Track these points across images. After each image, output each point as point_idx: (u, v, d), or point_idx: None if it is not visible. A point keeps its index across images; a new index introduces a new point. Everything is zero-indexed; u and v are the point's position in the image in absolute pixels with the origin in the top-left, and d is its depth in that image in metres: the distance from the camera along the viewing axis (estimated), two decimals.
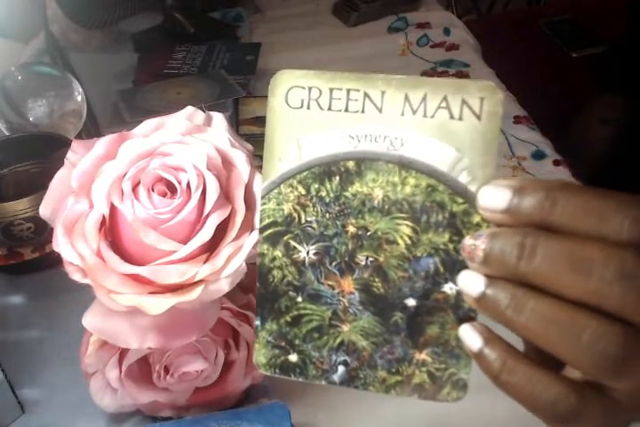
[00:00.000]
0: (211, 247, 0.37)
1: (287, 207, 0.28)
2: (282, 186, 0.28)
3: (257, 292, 0.29)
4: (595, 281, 0.22)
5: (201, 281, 0.36)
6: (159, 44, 0.96)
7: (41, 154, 0.64)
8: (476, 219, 0.25)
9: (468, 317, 0.26)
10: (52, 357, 0.53)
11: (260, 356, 0.29)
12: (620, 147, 1.19)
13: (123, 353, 0.42)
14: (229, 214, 0.37)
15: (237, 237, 0.36)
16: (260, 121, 0.77)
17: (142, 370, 0.44)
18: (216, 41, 0.95)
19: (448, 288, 0.26)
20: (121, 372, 0.43)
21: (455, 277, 0.26)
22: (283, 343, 0.29)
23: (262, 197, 0.28)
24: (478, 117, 0.25)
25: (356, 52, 0.96)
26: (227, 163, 0.38)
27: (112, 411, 0.45)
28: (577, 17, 1.46)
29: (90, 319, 0.38)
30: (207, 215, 0.36)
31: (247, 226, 0.37)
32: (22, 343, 0.55)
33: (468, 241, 0.24)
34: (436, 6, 1.09)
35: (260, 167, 0.30)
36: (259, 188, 0.37)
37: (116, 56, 0.98)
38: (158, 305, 0.35)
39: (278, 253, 0.28)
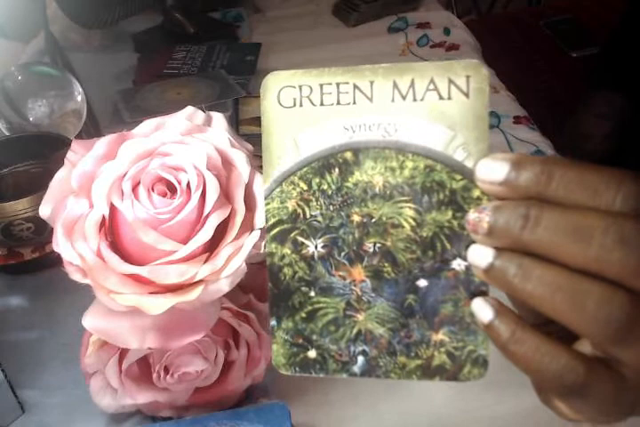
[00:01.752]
0: (211, 247, 0.37)
1: (291, 204, 0.29)
2: (283, 184, 0.29)
3: (269, 292, 0.29)
4: (595, 248, 0.22)
5: (201, 281, 0.36)
6: (159, 44, 0.97)
7: (41, 154, 0.64)
8: (476, 193, 0.26)
9: (479, 291, 0.26)
10: (52, 357, 0.53)
11: (279, 356, 0.29)
12: (618, 142, 1.19)
13: (123, 353, 0.42)
14: (229, 214, 0.37)
15: (237, 237, 0.36)
16: (261, 121, 0.77)
17: (142, 370, 0.44)
18: (216, 41, 0.95)
19: (456, 265, 0.27)
20: (121, 372, 0.43)
21: (462, 253, 0.26)
22: (300, 340, 0.29)
23: (265, 197, 0.29)
24: (466, 95, 0.26)
25: (356, 52, 0.96)
26: (227, 163, 0.38)
27: (112, 411, 0.45)
28: (577, 17, 1.47)
29: (90, 319, 0.38)
30: (207, 215, 0.36)
31: (247, 226, 0.37)
32: (22, 344, 0.55)
33: (472, 214, 0.25)
34: (436, 6, 1.09)
35: (260, 167, 0.30)
36: (259, 188, 0.37)
37: (116, 56, 0.98)
38: (158, 305, 0.35)
39: (287, 250, 0.29)
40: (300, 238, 0.29)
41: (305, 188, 0.28)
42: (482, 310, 0.25)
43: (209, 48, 0.92)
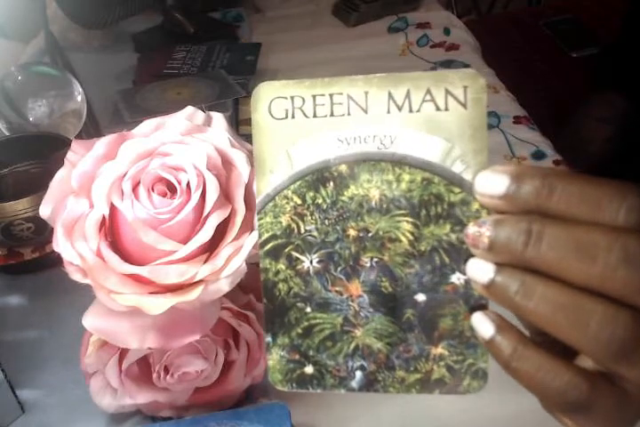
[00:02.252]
0: (211, 247, 0.37)
1: (285, 219, 0.28)
2: (277, 198, 0.28)
3: (264, 308, 0.28)
4: (599, 266, 0.22)
5: (201, 281, 0.36)
6: (159, 44, 0.97)
7: (41, 154, 0.64)
8: (475, 206, 0.26)
9: (479, 305, 0.26)
10: (51, 357, 0.53)
11: (276, 373, 0.28)
12: (619, 145, 1.19)
13: (123, 353, 0.42)
14: (229, 214, 0.37)
15: (237, 237, 0.36)
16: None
17: (142, 370, 0.44)
18: (216, 41, 0.95)
19: (456, 279, 0.26)
20: (121, 372, 0.43)
21: (461, 267, 0.26)
22: (297, 356, 0.28)
23: (258, 212, 0.28)
24: (464, 106, 0.26)
25: (356, 52, 0.96)
26: (227, 163, 0.38)
27: (112, 411, 0.45)
28: (577, 17, 1.46)
29: (90, 319, 0.38)
30: (207, 215, 0.36)
31: (247, 226, 0.37)
32: (22, 343, 0.55)
33: (471, 228, 0.24)
34: (436, 6, 1.09)
35: None
36: None
37: (116, 56, 0.98)
38: (158, 305, 0.35)
39: (281, 266, 0.28)
40: (295, 254, 0.28)
41: (299, 202, 0.28)
42: (482, 325, 0.25)
43: (209, 48, 0.92)
